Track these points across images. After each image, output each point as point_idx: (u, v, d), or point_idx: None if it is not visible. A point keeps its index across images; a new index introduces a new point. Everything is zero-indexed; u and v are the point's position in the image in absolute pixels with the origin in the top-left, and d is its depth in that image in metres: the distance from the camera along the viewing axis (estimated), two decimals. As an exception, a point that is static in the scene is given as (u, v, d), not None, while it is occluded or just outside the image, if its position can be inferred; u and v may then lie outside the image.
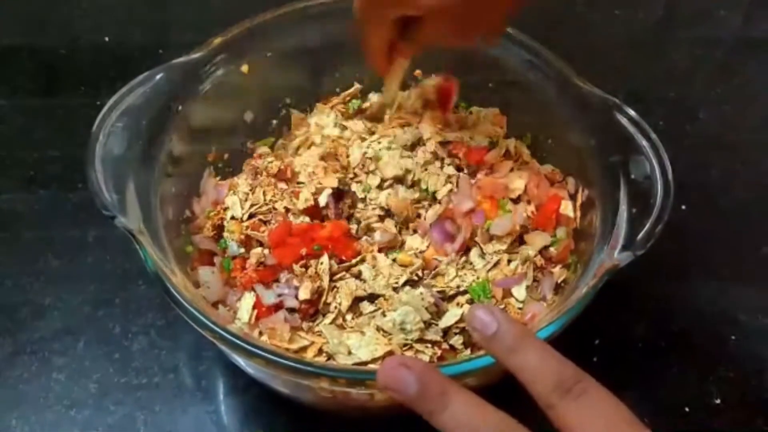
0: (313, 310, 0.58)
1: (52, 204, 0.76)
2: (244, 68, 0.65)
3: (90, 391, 0.63)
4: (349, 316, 0.58)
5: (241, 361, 0.53)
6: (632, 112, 0.57)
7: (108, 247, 0.72)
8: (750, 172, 0.83)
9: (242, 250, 0.61)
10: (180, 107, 0.61)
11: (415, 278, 0.60)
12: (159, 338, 0.66)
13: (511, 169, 0.67)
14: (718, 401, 0.65)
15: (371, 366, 0.55)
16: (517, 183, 0.65)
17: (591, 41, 0.95)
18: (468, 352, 0.57)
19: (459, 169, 0.66)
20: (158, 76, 0.59)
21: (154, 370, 0.64)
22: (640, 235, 0.51)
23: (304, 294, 0.57)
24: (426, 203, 0.64)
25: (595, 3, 1.02)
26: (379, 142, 0.67)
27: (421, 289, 0.58)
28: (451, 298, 0.60)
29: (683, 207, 0.75)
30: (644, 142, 0.56)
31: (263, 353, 0.47)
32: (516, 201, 0.65)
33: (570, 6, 1.01)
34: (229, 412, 0.63)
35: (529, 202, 0.64)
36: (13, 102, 0.85)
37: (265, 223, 0.62)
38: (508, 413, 0.39)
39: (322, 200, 0.62)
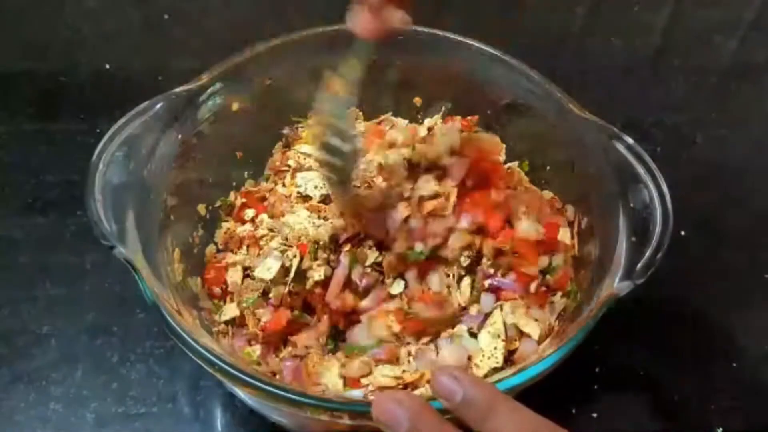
0: None
1: (50, 231, 0.76)
2: (234, 107, 0.66)
3: (87, 421, 0.62)
4: None
5: (239, 391, 0.53)
6: (631, 141, 0.58)
7: (106, 275, 0.72)
8: (748, 196, 0.83)
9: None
10: (180, 136, 0.61)
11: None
12: (157, 367, 0.65)
13: (509, 186, 0.66)
14: (719, 429, 0.64)
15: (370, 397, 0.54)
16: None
17: (588, 68, 0.95)
18: None
19: None
20: (158, 105, 0.59)
21: (152, 400, 0.64)
22: (640, 265, 0.51)
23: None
24: None
25: (593, 31, 1.03)
26: None
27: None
28: None
29: (682, 233, 0.75)
30: (643, 171, 0.56)
31: (261, 385, 0.47)
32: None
33: (567, 34, 1.02)
34: (228, 442, 0.62)
35: None
36: (12, 128, 0.85)
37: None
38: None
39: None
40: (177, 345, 0.65)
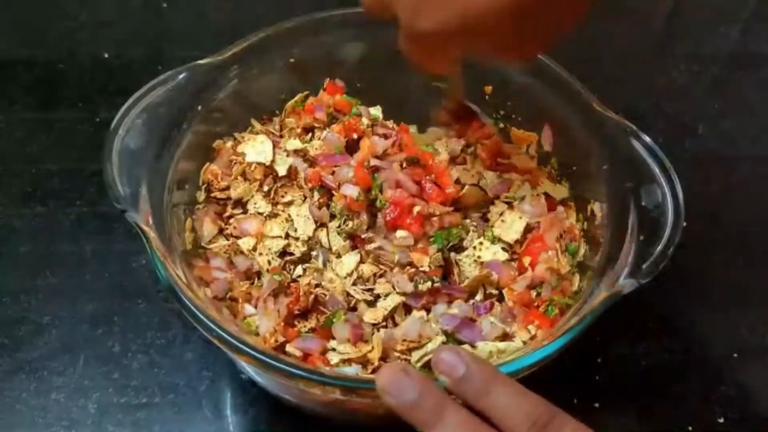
0: None
1: (50, 220, 0.75)
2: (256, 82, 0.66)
3: (89, 411, 0.62)
4: None
5: (242, 363, 0.52)
6: (648, 139, 0.57)
7: (107, 264, 0.72)
8: (750, 187, 0.83)
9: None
10: (200, 107, 0.61)
11: None
12: (158, 357, 0.65)
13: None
14: (721, 420, 0.64)
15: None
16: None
17: (589, 57, 0.95)
18: None
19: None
20: (181, 76, 0.60)
21: (153, 390, 0.63)
22: (646, 264, 0.51)
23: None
24: None
25: (594, 19, 1.03)
26: None
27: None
28: None
29: (684, 223, 0.75)
30: (658, 171, 0.55)
31: (256, 354, 0.46)
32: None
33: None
34: (230, 432, 0.62)
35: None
36: (10, 116, 0.85)
37: None
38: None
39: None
40: (178, 334, 0.67)
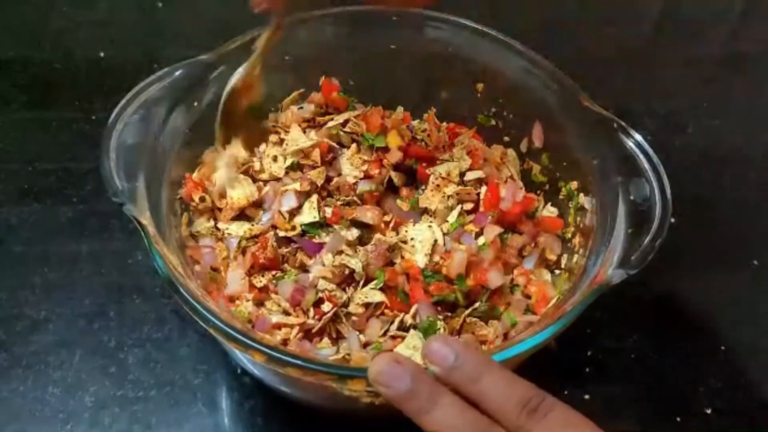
0: None
1: (47, 217, 0.76)
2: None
3: (86, 404, 0.63)
4: None
5: (237, 353, 0.53)
6: (637, 135, 0.58)
7: (102, 261, 0.72)
8: (738, 185, 0.85)
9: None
10: (196, 103, 0.62)
11: None
12: (154, 351, 0.66)
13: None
14: (708, 411, 0.65)
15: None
16: None
17: (581, 57, 0.96)
18: None
19: None
20: (178, 72, 0.61)
21: (149, 384, 0.64)
22: (635, 256, 0.52)
23: None
24: None
25: (586, 20, 1.04)
26: None
27: None
28: None
29: (673, 219, 0.76)
30: (647, 165, 0.57)
31: (249, 341, 0.47)
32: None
33: (560, 22, 1.02)
34: (225, 425, 0.63)
35: None
36: (7, 115, 0.86)
37: None
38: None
39: None
40: (174, 329, 0.67)
